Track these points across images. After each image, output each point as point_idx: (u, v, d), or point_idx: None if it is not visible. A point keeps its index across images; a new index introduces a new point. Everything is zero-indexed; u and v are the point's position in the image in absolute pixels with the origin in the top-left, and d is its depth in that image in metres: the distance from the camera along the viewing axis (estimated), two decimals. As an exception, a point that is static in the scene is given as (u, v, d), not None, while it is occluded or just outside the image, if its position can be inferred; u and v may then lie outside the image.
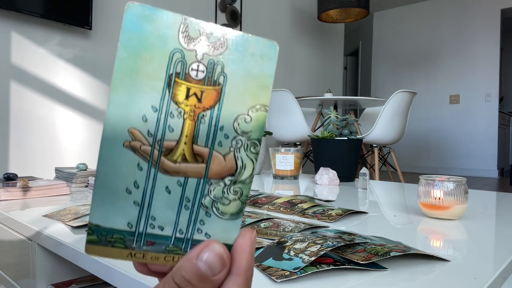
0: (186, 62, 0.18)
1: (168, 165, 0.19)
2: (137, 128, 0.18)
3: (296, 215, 0.78)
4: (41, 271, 0.69)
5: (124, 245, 0.20)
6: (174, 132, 0.19)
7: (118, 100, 0.18)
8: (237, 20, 3.29)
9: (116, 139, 0.18)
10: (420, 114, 5.64)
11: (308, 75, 4.21)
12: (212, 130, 0.19)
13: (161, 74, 0.18)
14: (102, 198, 0.19)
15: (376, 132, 2.98)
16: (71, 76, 2.22)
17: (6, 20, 1.94)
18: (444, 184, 0.74)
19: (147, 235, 0.20)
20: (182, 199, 0.19)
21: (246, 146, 0.19)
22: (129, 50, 0.18)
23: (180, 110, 0.18)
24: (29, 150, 2.05)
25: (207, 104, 0.19)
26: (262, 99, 0.19)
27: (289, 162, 1.46)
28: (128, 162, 0.18)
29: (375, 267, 0.46)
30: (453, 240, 0.61)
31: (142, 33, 0.18)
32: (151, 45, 0.18)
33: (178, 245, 0.20)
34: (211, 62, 0.18)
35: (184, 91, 0.18)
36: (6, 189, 0.96)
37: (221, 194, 0.20)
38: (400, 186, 1.33)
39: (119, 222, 0.19)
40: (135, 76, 0.18)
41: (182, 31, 0.18)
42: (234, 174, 0.20)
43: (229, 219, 0.20)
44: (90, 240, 0.19)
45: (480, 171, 5.15)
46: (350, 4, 3.46)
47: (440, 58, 5.49)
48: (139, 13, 0.17)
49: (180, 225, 0.20)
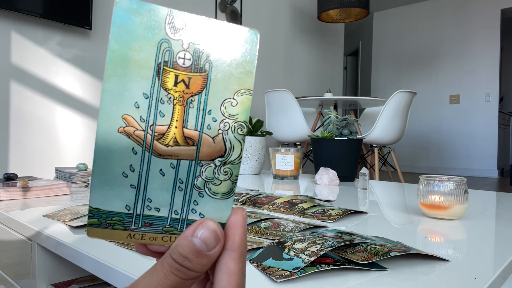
0: (173, 51, 0.19)
1: (161, 149, 0.20)
2: (130, 115, 0.19)
3: (296, 215, 0.78)
4: (41, 271, 0.69)
5: (123, 227, 0.20)
6: (165, 117, 0.20)
7: (111, 89, 0.19)
8: (237, 20, 3.29)
9: (111, 126, 0.19)
10: (420, 114, 5.64)
11: (308, 75, 4.21)
12: (201, 114, 0.20)
13: (150, 63, 0.19)
14: (100, 183, 0.20)
15: (376, 132, 2.98)
16: (71, 76, 2.22)
17: (6, 20, 1.94)
18: (444, 184, 0.74)
19: (145, 216, 0.20)
20: (175, 181, 0.20)
21: (234, 128, 0.20)
22: (119, 42, 0.19)
23: (170, 96, 0.19)
24: (29, 150, 2.05)
25: (195, 90, 0.20)
26: (247, 84, 0.20)
27: (289, 162, 1.46)
28: (123, 147, 0.19)
29: (375, 267, 0.46)
30: (453, 240, 0.61)
31: (131, 25, 0.19)
32: (140, 36, 0.19)
33: (174, 226, 0.21)
34: (197, 50, 0.19)
35: (172, 78, 0.19)
36: (6, 189, 0.96)
37: (212, 175, 0.21)
38: (400, 186, 1.33)
39: (118, 205, 0.20)
40: (126, 66, 0.19)
41: (168, 22, 0.19)
42: (224, 156, 0.21)
43: (221, 199, 0.21)
44: (91, 223, 0.20)
45: (480, 171, 5.15)
46: (350, 4, 3.46)
47: (440, 58, 5.49)
48: (128, 7, 0.19)
49: (175, 206, 0.21)
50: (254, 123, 1.82)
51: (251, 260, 0.49)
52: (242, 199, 0.93)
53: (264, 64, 3.62)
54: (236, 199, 0.94)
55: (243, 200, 0.92)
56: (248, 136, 1.72)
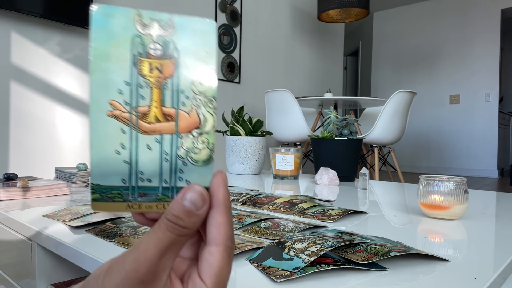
0: (145, 44, 0.23)
1: (145, 126, 0.23)
2: (115, 100, 0.23)
3: (296, 215, 0.78)
4: (41, 271, 0.69)
5: (122, 199, 0.23)
6: (145, 99, 0.23)
7: (97, 80, 0.22)
8: (237, 20, 3.29)
9: (100, 111, 0.22)
10: (420, 114, 5.64)
11: (308, 75, 4.21)
12: (175, 94, 0.23)
13: (127, 55, 0.23)
14: (98, 161, 0.23)
15: (376, 132, 2.98)
16: (71, 76, 2.22)
17: (6, 20, 1.94)
18: (444, 184, 0.74)
19: (139, 188, 0.24)
20: (161, 154, 0.24)
21: (204, 102, 0.24)
22: (99, 41, 0.22)
23: (147, 81, 0.23)
24: (29, 150, 2.05)
25: (167, 74, 0.23)
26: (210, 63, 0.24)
27: (289, 162, 1.46)
28: (113, 128, 0.23)
29: (375, 267, 0.46)
30: (453, 240, 0.61)
31: (108, 27, 0.22)
32: (116, 35, 0.22)
33: (165, 194, 0.24)
34: (165, 41, 0.23)
35: (147, 66, 0.23)
36: (6, 189, 0.96)
37: (191, 145, 0.24)
38: (400, 186, 1.33)
39: (115, 179, 0.23)
40: (107, 60, 0.22)
41: (137, 21, 0.23)
42: (199, 127, 0.24)
43: (202, 165, 0.24)
44: (94, 198, 0.23)
45: (480, 171, 5.15)
46: (350, 4, 3.46)
47: (440, 58, 5.49)
48: (103, 11, 0.22)
49: (164, 175, 0.24)
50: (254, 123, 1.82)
51: (251, 260, 0.49)
52: (242, 199, 0.93)
53: (264, 64, 3.62)
54: (236, 199, 0.94)
55: (243, 200, 0.92)
56: (248, 136, 1.73)
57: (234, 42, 3.27)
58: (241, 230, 0.63)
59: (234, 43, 3.27)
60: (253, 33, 3.48)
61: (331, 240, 0.49)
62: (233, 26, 3.27)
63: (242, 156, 1.71)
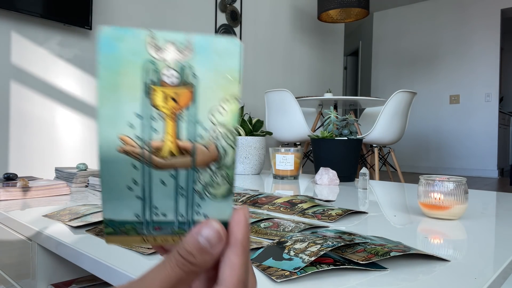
0: (159, 70, 0.20)
1: (158, 162, 0.21)
2: (126, 134, 0.20)
3: (296, 215, 0.78)
4: (41, 271, 0.69)
5: (136, 232, 0.22)
6: (159, 133, 0.21)
7: (106, 113, 0.20)
8: (237, 20, 3.29)
9: (110, 147, 0.20)
10: (420, 114, 5.64)
11: (308, 75, 4.21)
12: (192, 125, 0.21)
13: (138, 85, 0.20)
14: (109, 197, 0.21)
15: (376, 132, 2.98)
16: (71, 76, 2.22)
17: (6, 20, 1.94)
18: (444, 184, 0.74)
19: (154, 222, 0.22)
20: (177, 188, 0.22)
21: (224, 134, 0.21)
22: (107, 69, 0.20)
23: (160, 113, 0.21)
24: (29, 150, 2.05)
25: (184, 104, 0.21)
26: (232, 92, 0.21)
27: (289, 162, 1.46)
28: (124, 164, 0.21)
29: (375, 267, 0.46)
30: (453, 240, 0.61)
31: (117, 52, 0.20)
32: (126, 61, 0.20)
33: (182, 227, 0.23)
34: (181, 67, 0.21)
35: (161, 96, 0.20)
36: (6, 189, 0.96)
37: (210, 179, 0.22)
38: (400, 186, 1.33)
39: (128, 214, 0.22)
40: (117, 90, 0.20)
41: (150, 43, 0.20)
42: (218, 161, 0.22)
43: (221, 200, 0.22)
44: (108, 232, 0.22)
45: (480, 171, 5.15)
46: (350, 4, 3.46)
47: (440, 58, 5.49)
48: (111, 34, 0.20)
49: (180, 210, 0.22)
50: (254, 123, 1.82)
51: (251, 260, 0.49)
52: (242, 199, 0.93)
53: (264, 64, 3.62)
54: (236, 199, 0.94)
55: (243, 200, 0.92)
56: (248, 136, 1.72)
57: (234, 42, 3.27)
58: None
59: (234, 43, 3.28)
60: (253, 33, 3.48)
61: (331, 240, 0.49)
62: (233, 26, 3.27)
63: (242, 156, 1.71)
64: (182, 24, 2.84)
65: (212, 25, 3.09)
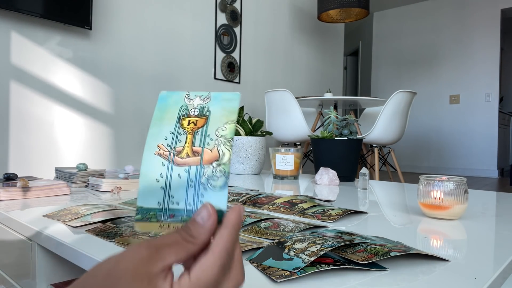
0: (188, 109, 0.34)
1: (178, 160, 0.31)
2: (161, 143, 0.32)
3: (296, 215, 0.78)
4: (41, 271, 0.69)
5: (156, 219, 0.30)
6: (181, 142, 0.32)
7: (153, 132, 0.33)
8: (237, 20, 3.29)
9: (150, 151, 0.32)
10: (420, 114, 5.64)
11: (308, 75, 4.21)
12: (203, 137, 0.32)
13: (175, 117, 0.33)
14: (144, 188, 0.30)
15: (376, 132, 2.98)
16: (71, 76, 2.22)
17: (6, 20, 1.94)
18: (444, 184, 0.74)
19: (170, 210, 0.30)
20: (188, 180, 0.30)
21: (224, 142, 0.31)
22: (160, 110, 0.34)
23: (185, 131, 0.32)
24: (29, 150, 2.05)
25: (200, 125, 0.33)
26: (232, 118, 0.33)
27: (289, 162, 1.46)
28: (157, 162, 0.31)
29: (375, 267, 0.46)
30: (453, 240, 0.61)
31: (166, 102, 0.34)
32: (170, 107, 0.34)
33: (189, 215, 0.30)
34: (202, 107, 0.34)
35: (187, 121, 0.33)
36: (6, 189, 0.96)
37: (211, 173, 0.30)
38: (400, 186, 1.33)
39: (153, 202, 0.30)
40: (162, 120, 0.33)
41: (186, 97, 0.35)
42: (218, 160, 0.31)
43: (219, 191, 0.30)
44: (137, 218, 0.30)
45: (480, 171, 5.15)
46: (350, 4, 3.46)
47: (440, 58, 5.49)
48: (166, 94, 0.35)
49: (188, 199, 0.30)
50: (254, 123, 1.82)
51: (251, 260, 0.49)
52: (242, 199, 0.93)
53: (264, 64, 3.62)
54: (236, 199, 0.94)
55: (243, 200, 0.92)
56: (248, 136, 1.72)
57: (234, 42, 3.27)
58: (241, 230, 0.63)
59: (234, 43, 3.27)
60: (253, 33, 3.48)
61: (331, 240, 0.49)
62: (233, 26, 3.27)
63: (242, 156, 1.71)
64: (182, 24, 2.84)
65: (212, 25, 3.09)
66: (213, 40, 3.10)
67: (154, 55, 2.65)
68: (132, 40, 2.52)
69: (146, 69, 2.61)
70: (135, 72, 2.54)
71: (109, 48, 2.39)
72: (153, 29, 2.64)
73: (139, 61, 2.56)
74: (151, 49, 2.63)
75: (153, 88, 2.65)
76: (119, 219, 0.69)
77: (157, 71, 2.68)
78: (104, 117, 2.38)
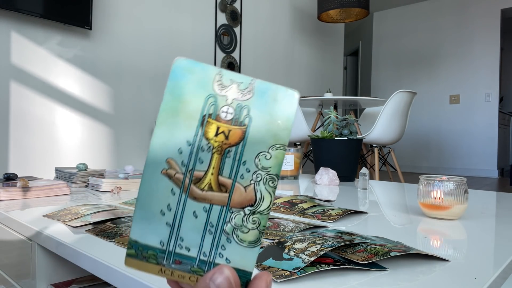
0: (218, 105, 0.21)
1: (196, 192, 0.22)
2: (173, 159, 0.21)
3: (296, 215, 0.78)
4: (41, 271, 0.69)
5: (156, 261, 0.22)
6: (203, 164, 0.21)
7: (161, 135, 0.21)
8: (237, 20, 3.29)
9: (156, 167, 0.21)
10: (420, 114, 5.64)
11: (308, 75, 4.21)
12: (236, 164, 0.21)
13: (196, 115, 0.21)
14: (141, 217, 0.22)
15: (376, 132, 2.98)
16: (71, 76, 2.22)
17: (6, 20, 1.94)
18: (444, 184, 0.74)
19: (176, 254, 0.22)
20: (206, 224, 0.22)
21: (265, 180, 0.22)
22: (173, 95, 0.21)
23: (210, 145, 0.21)
24: (29, 150, 2.05)
25: (233, 141, 0.21)
26: (282, 139, 0.21)
27: (289, 162, 1.46)
28: (164, 187, 0.21)
29: (375, 267, 0.46)
30: (453, 240, 0.61)
31: (185, 82, 0.21)
32: (190, 91, 0.21)
33: (201, 267, 0.22)
34: (239, 106, 0.21)
35: (214, 129, 0.21)
36: (6, 189, 0.96)
37: (241, 222, 0.22)
38: (400, 186, 1.33)
39: (153, 239, 0.22)
40: (176, 116, 0.21)
41: (217, 80, 0.21)
42: (253, 205, 0.22)
43: (248, 247, 0.22)
44: (129, 253, 0.22)
45: (480, 171, 5.15)
46: (350, 4, 3.46)
47: (440, 58, 5.49)
48: (184, 66, 0.21)
49: (204, 248, 0.22)
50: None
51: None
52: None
53: (264, 64, 3.62)
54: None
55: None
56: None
57: (234, 42, 3.27)
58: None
59: (234, 43, 3.28)
60: (253, 33, 3.48)
61: (331, 240, 0.49)
62: (233, 26, 3.27)
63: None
64: (182, 24, 2.84)
65: (212, 25, 3.09)
66: (213, 40, 3.10)
67: (154, 55, 2.65)
68: (132, 40, 2.52)
69: (146, 69, 2.61)
70: (135, 72, 2.54)
71: (109, 48, 2.39)
72: (153, 29, 2.64)
73: (139, 61, 2.57)
74: (151, 49, 2.63)
75: (153, 88, 2.65)
76: (119, 219, 0.69)
77: (157, 71, 2.68)
78: (104, 117, 2.38)
